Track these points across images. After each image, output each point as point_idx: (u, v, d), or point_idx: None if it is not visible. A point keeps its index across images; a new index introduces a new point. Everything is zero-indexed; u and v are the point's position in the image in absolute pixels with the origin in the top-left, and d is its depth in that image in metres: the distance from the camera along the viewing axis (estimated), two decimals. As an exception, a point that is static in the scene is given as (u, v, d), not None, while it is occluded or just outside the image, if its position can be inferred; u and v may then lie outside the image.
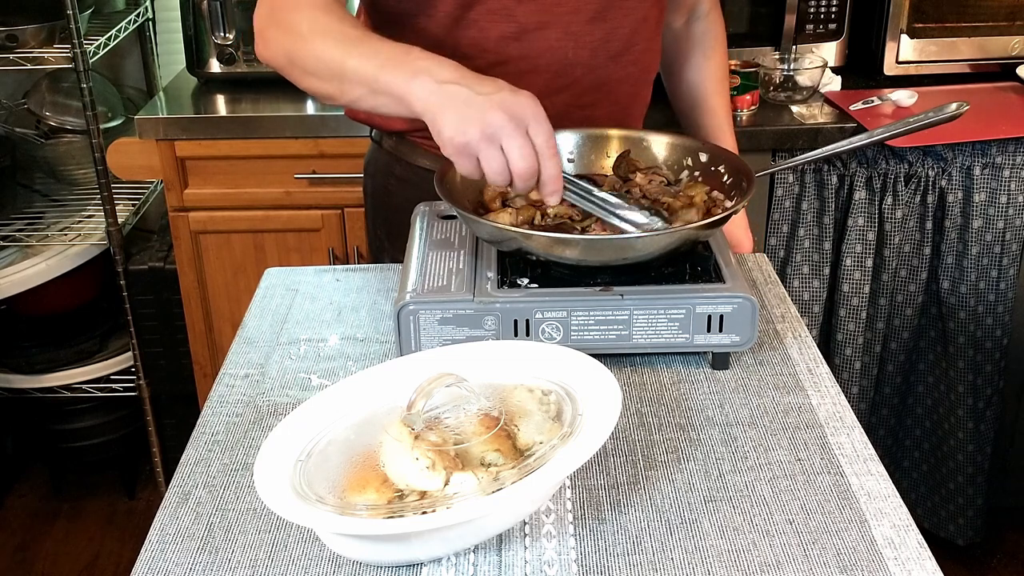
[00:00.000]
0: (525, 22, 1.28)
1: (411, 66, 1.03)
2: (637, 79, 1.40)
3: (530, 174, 0.99)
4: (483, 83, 1.00)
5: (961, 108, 1.17)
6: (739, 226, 1.51)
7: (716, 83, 1.54)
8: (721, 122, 1.53)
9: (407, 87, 1.02)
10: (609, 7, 1.30)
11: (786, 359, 1.12)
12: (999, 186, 2.04)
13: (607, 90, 1.36)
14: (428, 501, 0.79)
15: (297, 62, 1.15)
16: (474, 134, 0.98)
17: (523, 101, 0.99)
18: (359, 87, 1.08)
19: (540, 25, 1.28)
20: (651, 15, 1.36)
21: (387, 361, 1.01)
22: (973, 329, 2.14)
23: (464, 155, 1.00)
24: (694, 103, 1.54)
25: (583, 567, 0.83)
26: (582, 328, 1.06)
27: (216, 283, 2.23)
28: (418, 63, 1.04)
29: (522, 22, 1.28)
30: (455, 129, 0.99)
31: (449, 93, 1.00)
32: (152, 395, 2.42)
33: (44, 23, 2.17)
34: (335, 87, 1.11)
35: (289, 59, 1.16)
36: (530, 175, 0.99)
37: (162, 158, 2.12)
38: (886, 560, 0.83)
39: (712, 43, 1.53)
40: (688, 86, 1.54)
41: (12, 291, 2.30)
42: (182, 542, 0.87)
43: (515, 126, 0.97)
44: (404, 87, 1.03)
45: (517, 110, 0.98)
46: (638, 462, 0.96)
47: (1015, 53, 2.24)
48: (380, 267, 1.35)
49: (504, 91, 1.00)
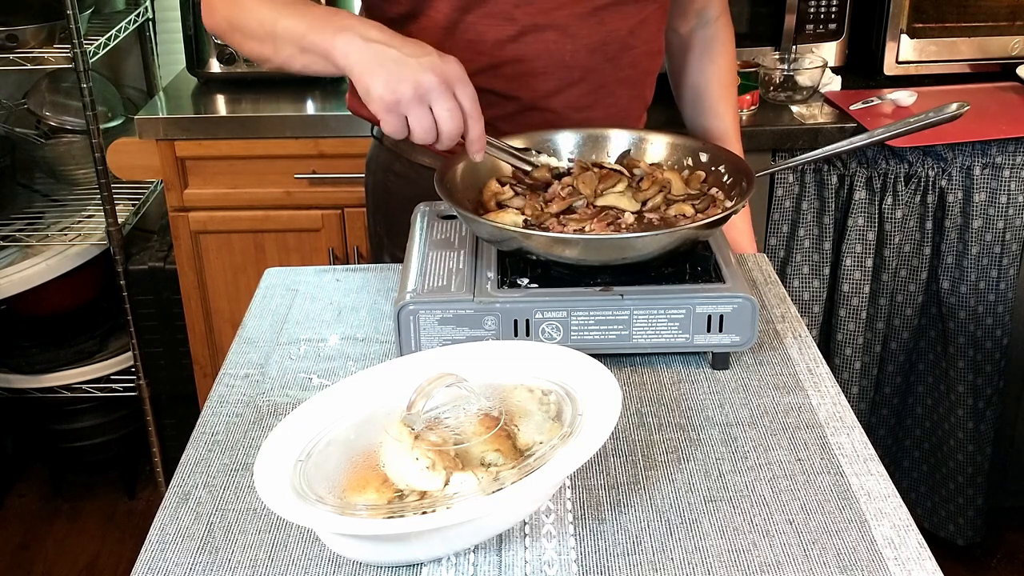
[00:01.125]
0: (523, 24, 1.28)
1: (337, 24, 1.07)
2: (636, 81, 1.40)
3: (456, 134, 1.05)
4: (410, 45, 1.04)
5: (961, 108, 1.17)
6: (742, 231, 1.51)
7: (722, 88, 1.53)
8: (727, 127, 1.52)
9: (331, 44, 1.06)
10: (606, 9, 1.30)
11: (786, 359, 1.12)
12: (999, 186, 2.04)
13: (605, 92, 1.36)
14: (428, 501, 0.79)
15: (237, 26, 1.18)
16: (406, 93, 1.02)
17: (451, 65, 1.04)
18: (289, 46, 1.11)
19: (538, 27, 1.28)
20: (651, 17, 1.36)
21: (387, 361, 1.01)
22: (973, 329, 2.14)
23: (393, 113, 1.03)
24: (699, 108, 1.54)
25: (583, 567, 0.83)
26: (582, 328, 1.06)
27: (216, 283, 2.23)
28: (344, 22, 1.07)
29: (520, 24, 1.28)
30: (386, 88, 1.02)
31: (377, 52, 1.03)
32: (152, 395, 2.42)
33: (44, 23, 2.17)
34: (269, 48, 1.14)
35: (230, 24, 1.19)
36: (456, 135, 1.05)
37: (162, 158, 2.12)
38: (886, 560, 0.83)
39: (719, 48, 1.52)
40: (693, 91, 1.54)
41: (12, 291, 2.30)
42: (182, 542, 0.87)
43: (444, 88, 1.02)
44: (329, 44, 1.06)
45: (446, 73, 1.02)
46: (638, 462, 0.96)
47: (1015, 53, 2.24)
48: (380, 267, 1.35)
49: (432, 55, 1.04)
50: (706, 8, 1.51)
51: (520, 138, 1.25)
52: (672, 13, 1.47)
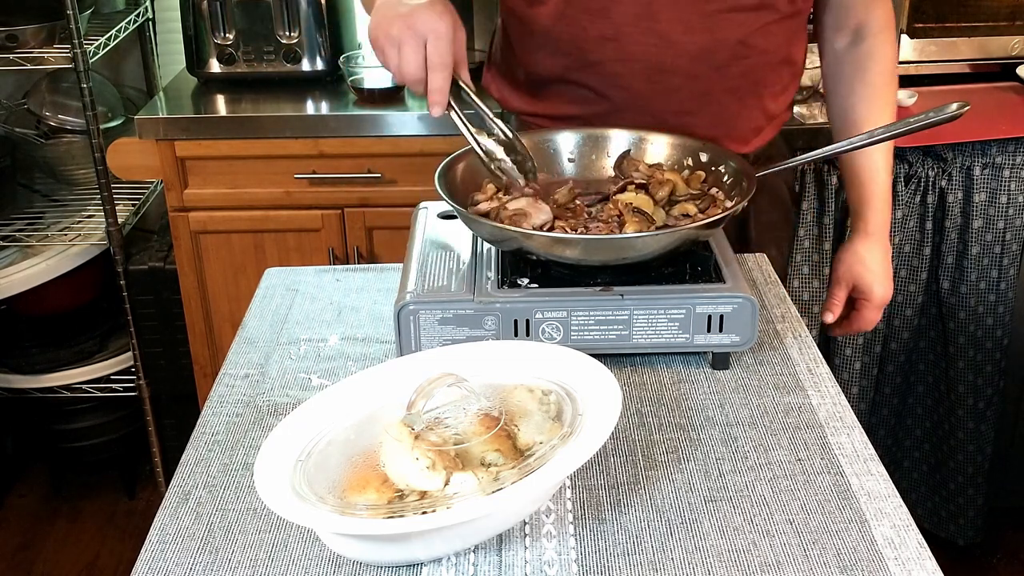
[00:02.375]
0: (621, 23, 1.28)
1: None
2: (748, 92, 1.36)
3: (415, 78, 1.14)
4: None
5: (961, 108, 1.17)
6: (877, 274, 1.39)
7: (870, 112, 1.39)
8: (875, 164, 1.39)
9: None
10: (713, 17, 1.28)
11: (786, 359, 1.12)
12: (999, 186, 2.04)
13: (709, 100, 1.34)
14: (428, 501, 0.79)
15: None
16: (380, 37, 1.15)
17: (431, 18, 1.12)
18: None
19: (636, 30, 1.28)
20: (777, 27, 1.32)
21: (387, 361, 1.01)
22: (973, 329, 2.14)
23: (376, 49, 1.17)
24: (845, 132, 1.41)
25: (583, 567, 0.83)
26: (582, 328, 1.06)
27: (216, 283, 2.23)
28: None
29: (617, 23, 1.28)
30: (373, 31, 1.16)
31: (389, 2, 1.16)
32: (152, 395, 2.41)
33: (44, 23, 2.16)
34: None
35: None
36: (415, 79, 1.14)
37: (162, 158, 2.12)
38: (886, 560, 0.83)
39: (874, 67, 1.40)
40: (841, 114, 1.44)
41: (12, 291, 2.29)
42: (182, 542, 0.87)
43: (411, 36, 1.12)
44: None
45: (419, 25, 1.12)
46: (638, 462, 0.96)
47: (1015, 53, 2.23)
48: (380, 267, 1.35)
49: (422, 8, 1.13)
50: (865, 22, 1.40)
51: (525, 136, 1.25)
52: (826, 25, 1.42)
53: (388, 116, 2.08)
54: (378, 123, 2.08)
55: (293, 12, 2.18)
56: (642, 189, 1.16)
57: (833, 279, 1.43)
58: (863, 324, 1.42)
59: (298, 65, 2.23)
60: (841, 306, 1.42)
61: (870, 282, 1.39)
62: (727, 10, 1.28)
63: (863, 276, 1.39)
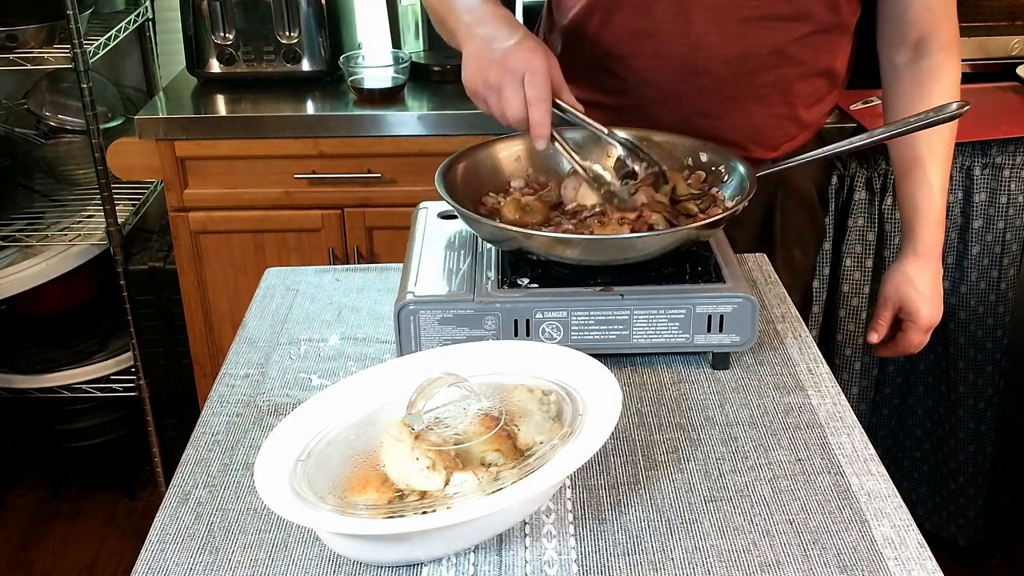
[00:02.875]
0: (661, 21, 1.30)
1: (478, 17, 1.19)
2: (777, 101, 1.36)
3: (518, 118, 1.13)
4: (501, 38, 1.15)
5: (961, 108, 1.17)
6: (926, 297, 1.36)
7: (931, 135, 1.31)
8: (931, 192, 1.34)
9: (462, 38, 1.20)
10: (747, 24, 1.28)
11: (786, 359, 1.12)
12: (999, 186, 2.04)
13: (736, 105, 1.34)
14: (428, 501, 0.79)
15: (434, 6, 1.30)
16: (479, 84, 1.15)
17: (523, 55, 1.13)
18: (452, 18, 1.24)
19: (673, 28, 1.30)
20: (813, 40, 1.31)
21: (387, 361, 1.01)
22: (974, 329, 2.14)
23: (476, 99, 1.17)
24: (901, 159, 1.37)
25: (583, 567, 0.83)
26: (582, 328, 1.06)
27: (216, 283, 2.23)
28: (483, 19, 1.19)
29: (658, 20, 1.30)
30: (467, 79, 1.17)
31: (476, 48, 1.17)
32: (152, 395, 2.41)
33: (44, 23, 2.16)
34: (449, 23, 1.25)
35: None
36: (518, 119, 1.13)
37: (162, 158, 2.12)
38: (886, 560, 0.83)
39: (935, 84, 1.33)
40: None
41: (12, 291, 2.29)
42: (182, 542, 0.87)
43: (509, 79, 1.12)
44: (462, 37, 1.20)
45: (514, 65, 1.12)
46: (638, 462, 0.96)
47: (1015, 53, 2.23)
48: (380, 267, 1.36)
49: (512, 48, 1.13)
50: (926, 38, 1.34)
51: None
52: (884, 41, 1.38)
53: (388, 116, 2.08)
54: (378, 123, 2.08)
55: (293, 12, 2.18)
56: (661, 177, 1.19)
57: (880, 299, 1.40)
58: (908, 347, 1.38)
59: (298, 65, 2.23)
60: (887, 327, 1.39)
61: (918, 304, 1.36)
62: (762, 18, 1.28)
63: (911, 297, 1.36)
